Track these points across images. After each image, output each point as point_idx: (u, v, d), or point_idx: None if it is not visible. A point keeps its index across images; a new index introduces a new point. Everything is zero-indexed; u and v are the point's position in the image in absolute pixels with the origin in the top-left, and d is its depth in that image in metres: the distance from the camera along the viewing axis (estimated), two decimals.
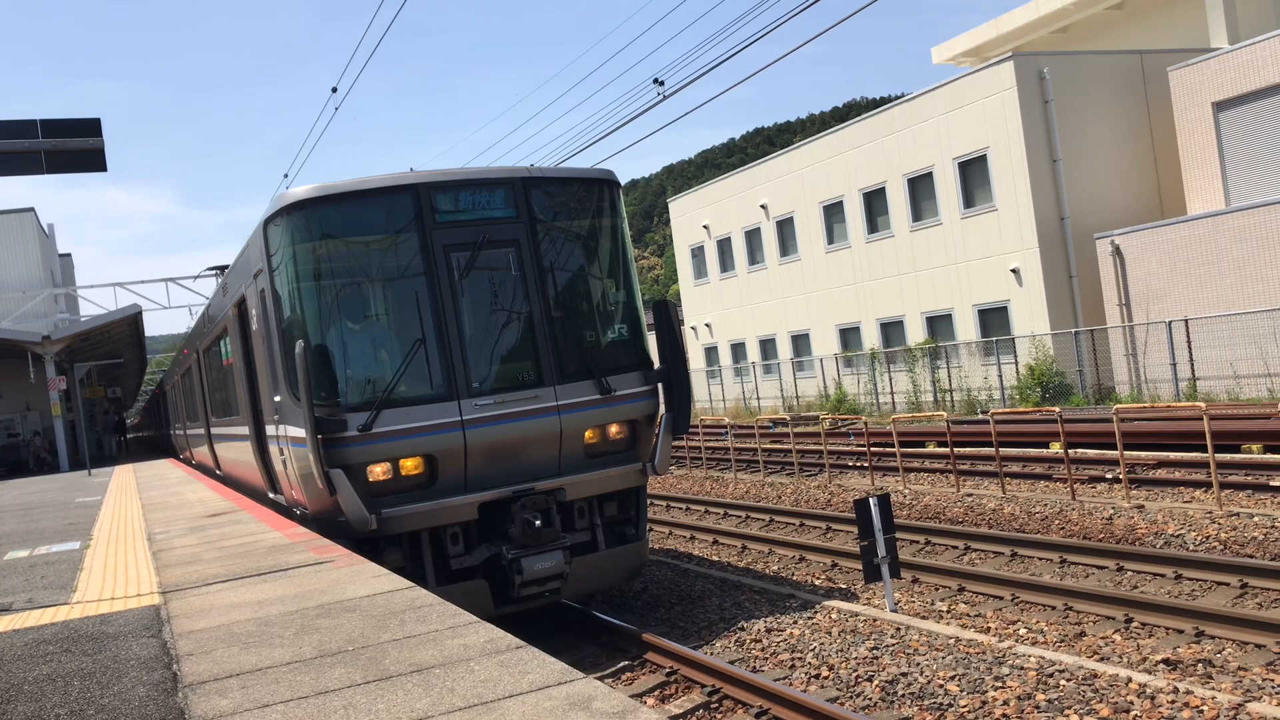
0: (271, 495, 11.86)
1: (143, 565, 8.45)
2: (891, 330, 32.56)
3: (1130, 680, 7.16)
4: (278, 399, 10.04)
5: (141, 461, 34.32)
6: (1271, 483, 13.32)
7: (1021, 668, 7.69)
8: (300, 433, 9.18)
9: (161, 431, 45.46)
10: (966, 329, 29.50)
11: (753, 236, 38.86)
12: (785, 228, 36.77)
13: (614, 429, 10.19)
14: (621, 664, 9.12)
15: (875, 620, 9.42)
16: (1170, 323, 23.70)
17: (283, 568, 7.45)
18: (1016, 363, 27.29)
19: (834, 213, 34.20)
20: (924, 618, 9.64)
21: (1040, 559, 11.31)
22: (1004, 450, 17.28)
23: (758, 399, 39.09)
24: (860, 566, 10.56)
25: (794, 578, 12.04)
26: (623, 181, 11.24)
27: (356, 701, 4.05)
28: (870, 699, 7.60)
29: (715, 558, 13.81)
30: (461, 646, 4.71)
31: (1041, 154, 26.83)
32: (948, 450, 17.26)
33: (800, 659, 8.69)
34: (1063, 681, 7.33)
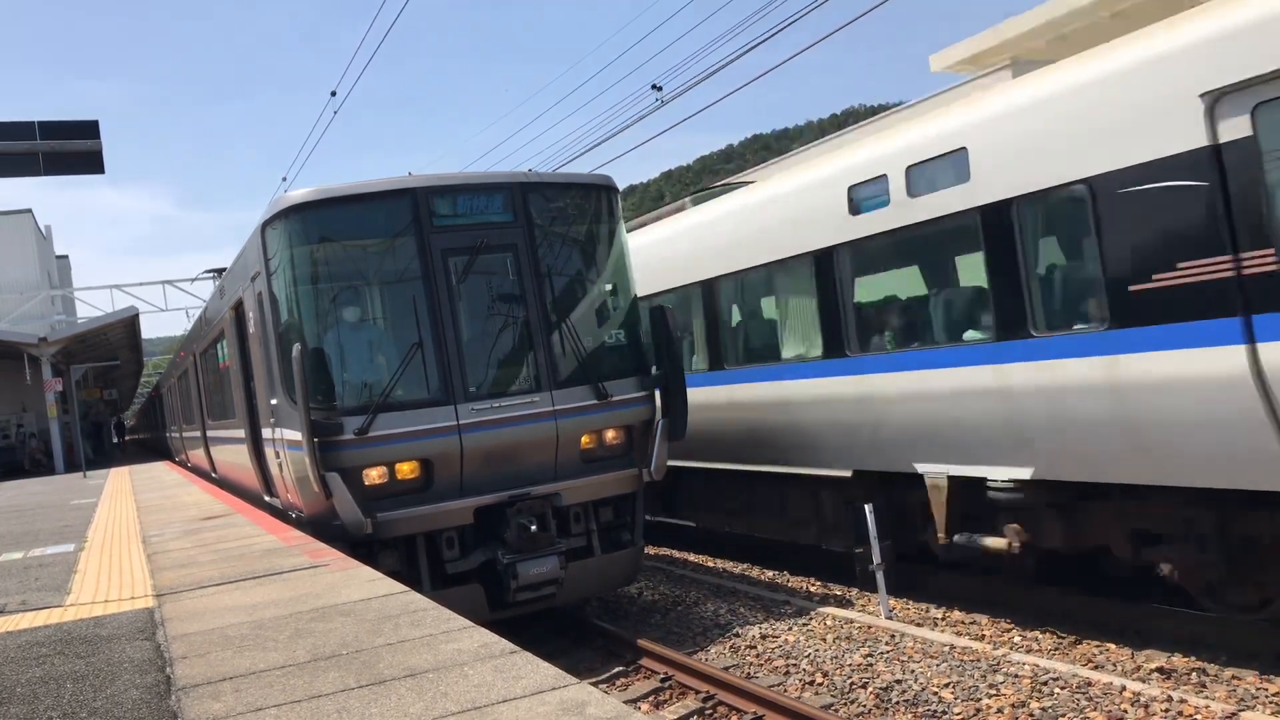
0: (267, 498, 11.84)
1: (137, 568, 8.44)
2: None
3: (1124, 689, 7.16)
4: (274, 402, 10.03)
5: (138, 464, 34.28)
6: None
7: (1016, 675, 7.69)
8: (296, 436, 9.18)
9: (158, 434, 45.42)
10: None
11: None
12: None
13: (610, 434, 10.19)
14: (616, 669, 9.11)
15: (870, 627, 9.42)
16: None
17: (277, 571, 7.45)
18: None
19: None
20: (919, 624, 9.64)
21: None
22: None
23: None
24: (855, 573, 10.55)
25: (789, 584, 12.04)
26: (621, 187, 11.25)
27: (350, 705, 4.04)
28: (865, 706, 7.60)
29: (710, 563, 13.80)
30: (456, 651, 4.71)
31: None
32: None
33: (795, 665, 8.69)
34: (1057, 690, 7.34)
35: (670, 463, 11.51)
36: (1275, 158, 6.46)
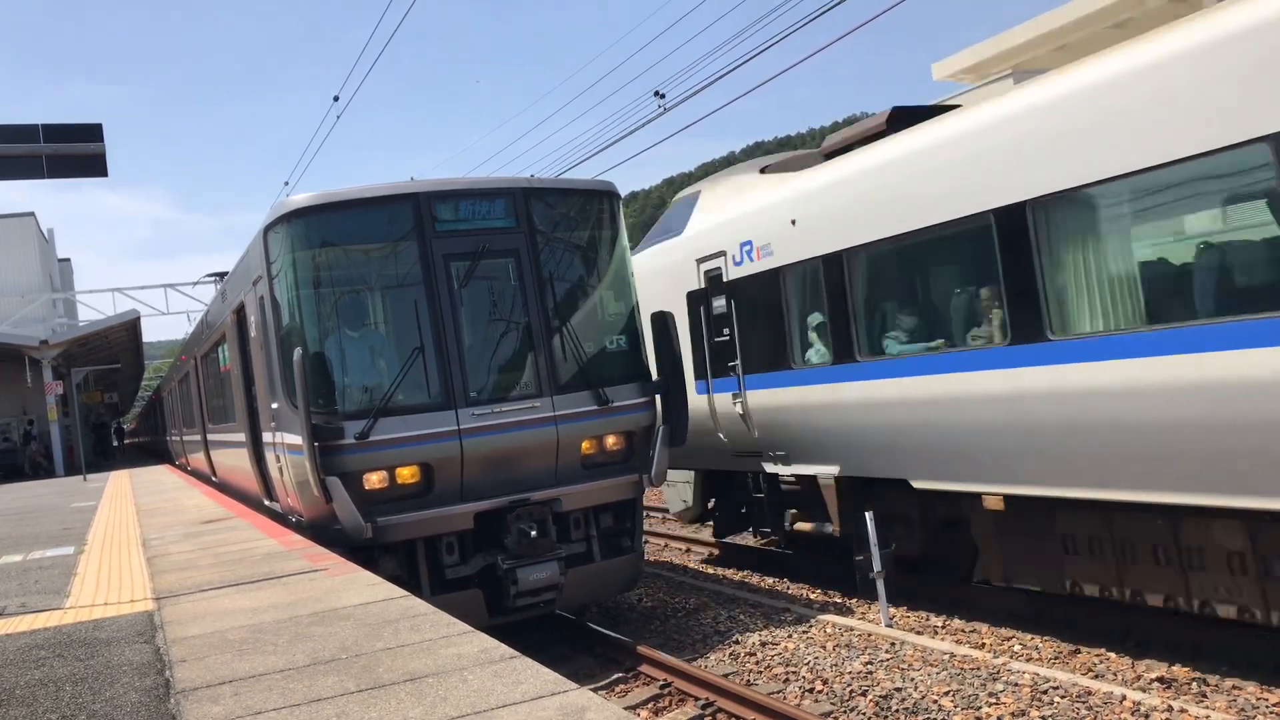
0: (267, 502, 11.84)
1: (137, 571, 8.44)
2: None
3: (1125, 698, 7.15)
4: (275, 406, 10.04)
5: (138, 467, 34.29)
6: None
7: (1016, 684, 7.68)
8: (297, 440, 9.18)
9: (158, 437, 45.43)
10: None
11: None
12: None
13: (611, 440, 10.18)
14: (615, 676, 9.09)
15: (870, 635, 9.41)
16: None
17: (277, 575, 7.45)
18: None
19: None
20: (919, 632, 9.63)
21: None
22: None
23: None
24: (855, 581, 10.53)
25: (789, 591, 12.02)
26: (623, 193, 11.27)
27: (349, 710, 4.04)
28: (864, 714, 7.58)
29: (710, 570, 13.78)
30: (455, 656, 4.70)
31: None
32: None
33: (795, 673, 8.68)
34: (1057, 698, 7.32)
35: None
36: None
